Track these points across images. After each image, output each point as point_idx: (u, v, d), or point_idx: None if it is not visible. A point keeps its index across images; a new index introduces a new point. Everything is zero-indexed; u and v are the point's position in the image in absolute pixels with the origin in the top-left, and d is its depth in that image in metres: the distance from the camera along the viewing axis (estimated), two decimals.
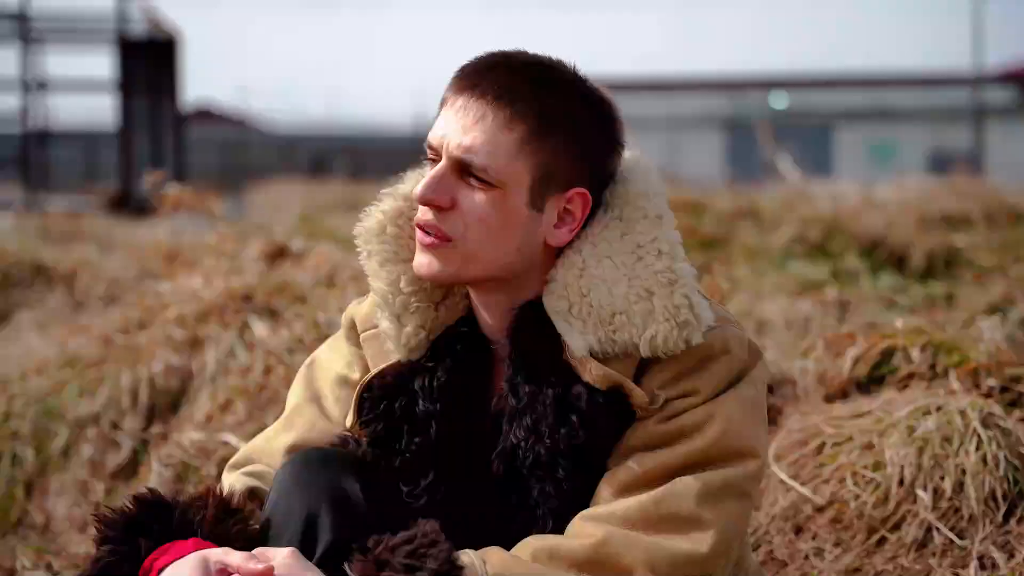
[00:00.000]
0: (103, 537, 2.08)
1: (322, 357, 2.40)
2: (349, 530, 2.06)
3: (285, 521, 2.08)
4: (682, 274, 2.07)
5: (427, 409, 2.18)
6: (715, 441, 2.05)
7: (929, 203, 9.13)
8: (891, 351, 3.77)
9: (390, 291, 2.20)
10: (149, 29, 23.56)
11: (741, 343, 2.12)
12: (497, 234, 2.09)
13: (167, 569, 1.99)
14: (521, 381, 2.13)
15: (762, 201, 9.93)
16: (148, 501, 2.10)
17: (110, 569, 2.04)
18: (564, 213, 2.11)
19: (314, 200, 20.57)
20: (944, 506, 3.12)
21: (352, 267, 4.95)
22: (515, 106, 2.06)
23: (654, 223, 2.11)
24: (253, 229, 6.90)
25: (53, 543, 4.08)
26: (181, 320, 4.81)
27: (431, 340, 2.21)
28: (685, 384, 2.07)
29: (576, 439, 2.07)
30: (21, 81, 22.12)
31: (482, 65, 2.11)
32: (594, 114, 2.12)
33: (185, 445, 3.99)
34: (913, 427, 3.28)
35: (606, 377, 2.07)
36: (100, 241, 11.14)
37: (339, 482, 2.11)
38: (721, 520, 2.04)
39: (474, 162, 2.07)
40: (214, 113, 54.60)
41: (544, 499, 2.11)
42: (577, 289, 2.09)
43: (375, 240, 2.24)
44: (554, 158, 2.08)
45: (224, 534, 2.06)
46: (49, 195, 22.04)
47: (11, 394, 4.79)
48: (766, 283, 7.27)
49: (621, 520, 2.02)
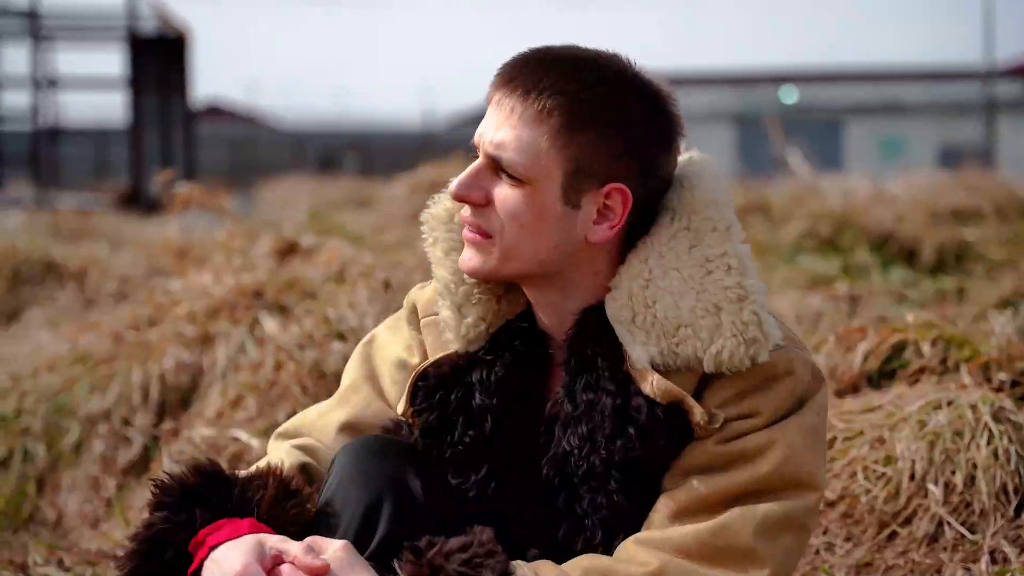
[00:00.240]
0: (158, 503, 2.05)
1: (382, 336, 2.38)
2: (407, 524, 2.04)
3: (343, 510, 2.06)
4: (752, 290, 2.03)
5: (483, 403, 2.15)
6: (775, 469, 2.01)
7: (939, 197, 9.12)
8: (902, 345, 3.77)
9: (453, 280, 2.19)
10: (159, 26, 23.57)
11: (806, 366, 2.07)
12: (531, 231, 2.05)
13: (221, 547, 1.97)
14: (579, 388, 2.09)
15: (772, 196, 9.92)
16: (208, 472, 2.07)
17: (163, 535, 2.02)
18: (603, 209, 2.06)
19: (323, 196, 20.57)
20: (955, 500, 3.12)
21: (362, 263, 4.95)
22: (545, 101, 2.02)
23: (723, 235, 2.06)
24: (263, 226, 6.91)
25: (65, 539, 4.09)
26: (191, 317, 4.81)
27: (490, 333, 2.18)
28: (747, 404, 2.03)
29: (633, 452, 2.03)
30: (31, 78, 22.14)
31: (519, 60, 2.08)
32: (640, 108, 2.05)
33: (196, 441, 4.00)
34: (924, 421, 3.27)
35: (667, 391, 2.02)
36: (110, 238, 11.16)
37: (400, 475, 2.09)
38: (778, 555, 2.00)
39: (503, 158, 2.04)
40: (223, 110, 54.64)
41: (594, 510, 2.08)
42: (642, 299, 2.04)
43: (442, 228, 2.22)
44: (587, 153, 2.03)
45: (281, 517, 2.04)
46: (59, 192, 22.05)
47: (22, 391, 4.80)
48: (776, 278, 7.26)
49: (676, 548, 1.99)
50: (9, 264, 7.98)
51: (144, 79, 23.16)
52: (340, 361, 4.25)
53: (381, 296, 4.59)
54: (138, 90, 23.10)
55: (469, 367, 2.18)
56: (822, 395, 2.10)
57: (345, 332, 4.42)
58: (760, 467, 2.01)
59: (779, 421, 2.03)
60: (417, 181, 13.24)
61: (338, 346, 4.34)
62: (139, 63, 23.04)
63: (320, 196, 20.75)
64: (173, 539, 2.02)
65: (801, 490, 2.03)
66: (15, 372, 5.00)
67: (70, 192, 23.59)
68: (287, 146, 46.03)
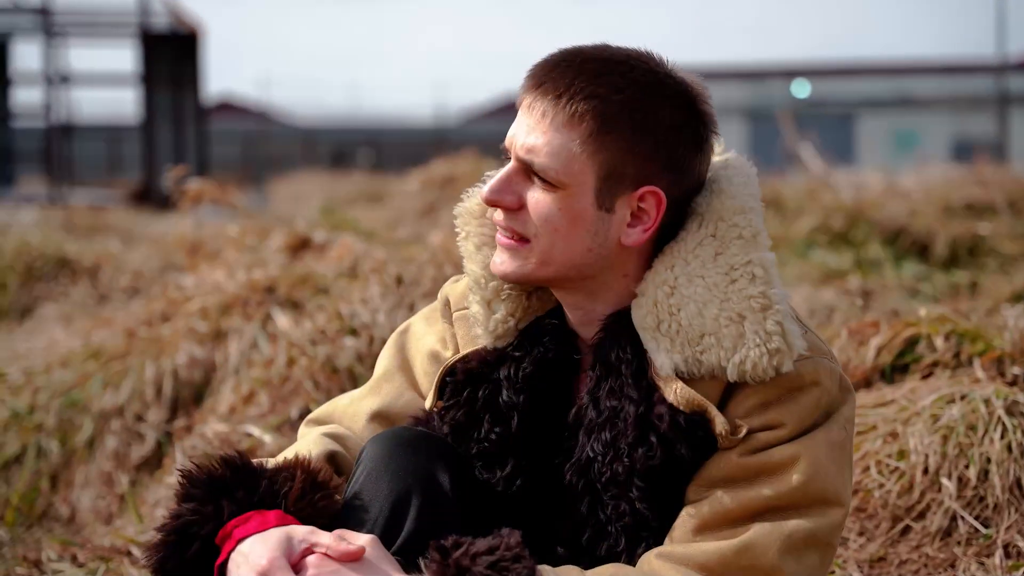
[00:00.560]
0: (186, 494, 2.05)
1: (417, 327, 2.37)
2: (435, 520, 2.03)
3: (371, 503, 2.05)
4: (776, 300, 2.00)
5: (510, 400, 2.15)
6: (800, 486, 1.98)
7: (952, 191, 9.10)
8: (915, 340, 3.76)
9: (484, 275, 2.18)
10: (171, 22, 23.60)
11: (832, 376, 2.04)
12: (566, 235, 2.04)
13: (248, 540, 1.96)
14: (603, 394, 2.08)
15: (784, 190, 9.90)
16: (236, 464, 2.07)
17: (190, 527, 2.02)
18: (638, 212, 2.05)
19: (335, 192, 20.60)
20: (969, 495, 3.11)
21: (374, 258, 4.95)
22: (577, 104, 2.00)
23: (749, 244, 2.04)
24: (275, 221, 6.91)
25: (78, 535, 4.09)
26: (204, 312, 4.82)
27: (519, 329, 2.17)
28: (771, 415, 2.00)
29: (654, 460, 2.02)
30: (44, 75, 22.17)
31: (550, 63, 2.06)
32: (671, 110, 2.04)
33: (209, 437, 4.00)
34: (937, 416, 3.26)
35: (690, 400, 2.01)
36: (123, 234, 11.19)
37: (430, 469, 2.08)
38: (802, 574, 1.98)
39: (535, 163, 2.03)
40: (236, 106, 54.71)
41: (617, 517, 2.07)
42: (667, 307, 2.03)
43: (474, 222, 2.21)
44: (620, 156, 2.01)
45: (308, 509, 2.03)
46: (72, 188, 22.13)
47: (36, 387, 4.81)
48: (789, 272, 7.25)
49: (699, 566, 1.97)
50: (22, 260, 8.00)
51: (156, 75, 23.21)
52: (352, 357, 4.26)
53: (393, 292, 4.59)
54: (150, 86, 23.14)
55: (497, 363, 2.17)
56: (849, 407, 2.07)
57: (357, 328, 4.42)
58: (784, 482, 1.98)
59: (805, 433, 2.01)
60: (429, 176, 13.24)
61: (350, 341, 4.34)
62: (151, 59, 23.09)
63: (332, 191, 20.79)
64: (200, 530, 2.01)
65: (826, 507, 2.00)
66: (28, 368, 5.01)
67: (83, 188, 23.68)
68: (299, 142, 46.10)
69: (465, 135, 38.93)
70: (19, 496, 4.41)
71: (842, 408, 2.06)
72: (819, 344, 2.08)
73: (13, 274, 7.89)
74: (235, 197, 7.61)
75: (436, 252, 5.02)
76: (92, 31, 23.97)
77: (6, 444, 4.62)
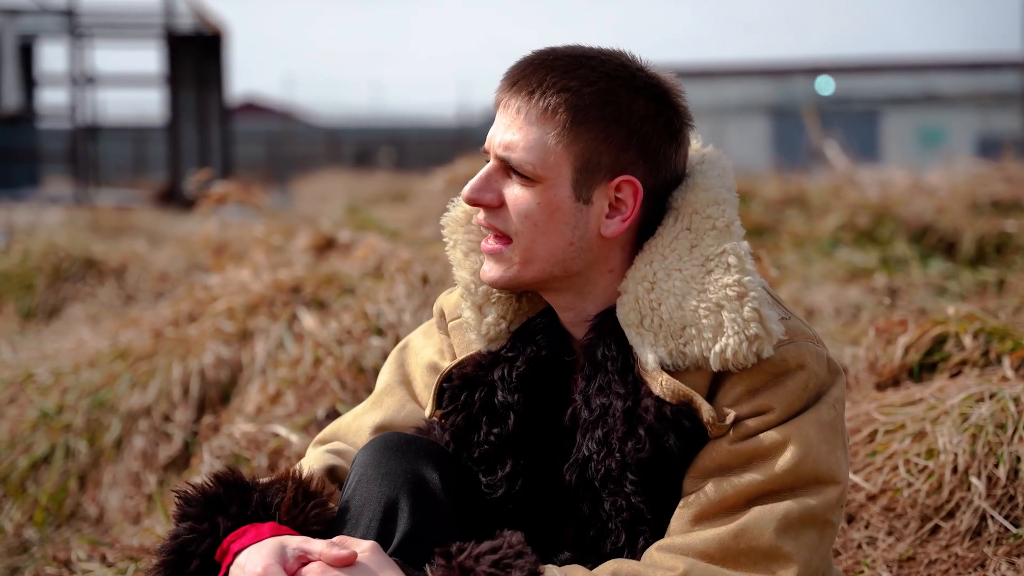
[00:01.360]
0: (182, 514, 2.09)
1: (416, 342, 2.41)
2: (427, 520, 2.06)
3: (363, 507, 2.08)
4: (751, 287, 2.03)
5: (505, 400, 2.18)
6: (793, 468, 2.00)
7: (979, 188, 9.03)
8: (943, 338, 3.74)
9: (473, 280, 2.21)
10: (196, 23, 23.68)
11: (819, 359, 2.07)
12: (545, 229, 2.08)
13: (243, 553, 2.00)
14: (593, 392, 2.12)
15: (809, 188, 9.86)
16: (228, 481, 2.11)
17: (188, 546, 2.06)
18: (615, 203, 2.09)
19: (359, 191, 20.64)
20: (998, 493, 3.09)
21: (399, 258, 4.96)
22: (550, 98, 2.06)
23: (723, 234, 2.07)
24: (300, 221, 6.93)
25: (107, 535, 4.11)
26: (230, 312, 4.84)
27: (511, 331, 2.21)
28: (758, 401, 2.03)
29: (643, 452, 2.05)
30: (70, 76, 22.27)
31: (524, 63, 2.12)
32: (643, 101, 2.08)
33: (236, 436, 4.01)
34: (966, 414, 3.25)
35: (676, 390, 2.04)
36: (149, 234, 11.24)
37: (419, 471, 2.11)
38: (803, 553, 1.99)
39: (512, 158, 2.08)
40: (260, 106, 54.82)
41: (616, 512, 2.10)
42: (648, 302, 2.07)
43: (461, 230, 2.25)
44: (594, 147, 2.06)
45: (301, 518, 2.07)
46: (98, 189, 22.23)
47: (64, 387, 4.83)
48: (814, 270, 7.23)
49: (700, 553, 1.99)
50: (50, 261, 8.04)
51: (181, 76, 23.30)
52: (379, 356, 4.26)
53: (419, 291, 4.60)
54: (175, 87, 23.23)
55: (491, 365, 2.21)
56: (838, 388, 2.10)
57: (383, 327, 4.42)
58: (776, 465, 2.01)
59: (794, 416, 2.04)
60: (453, 175, 13.24)
61: (376, 341, 4.34)
62: (176, 60, 23.17)
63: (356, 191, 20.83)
64: (198, 548, 2.06)
65: (821, 485, 2.03)
66: (56, 368, 5.04)
67: (109, 189, 23.80)
68: (323, 141, 46.17)
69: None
70: (48, 496, 4.43)
71: (831, 389, 2.09)
72: (803, 328, 2.11)
73: (40, 275, 7.92)
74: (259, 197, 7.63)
75: None
76: (117, 32, 24.07)
77: (35, 444, 4.65)
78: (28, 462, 4.58)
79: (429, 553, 2.01)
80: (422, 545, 2.02)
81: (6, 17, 22.30)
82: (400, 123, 52.41)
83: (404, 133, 48.46)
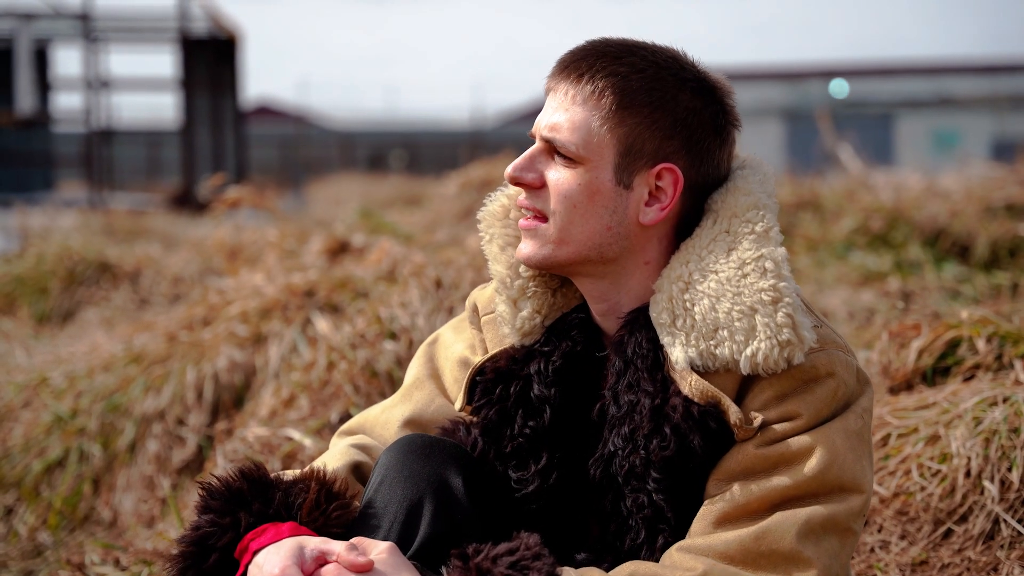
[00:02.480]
0: (205, 506, 2.10)
1: (446, 336, 2.43)
2: (449, 524, 2.07)
3: (385, 509, 2.09)
4: (786, 293, 2.04)
5: (541, 393, 2.19)
6: (818, 474, 2.01)
7: (993, 191, 9.01)
8: (956, 342, 3.73)
9: (509, 275, 2.23)
10: (210, 27, 23.71)
11: (848, 368, 2.08)
12: (584, 211, 2.10)
13: (261, 552, 2.01)
14: (622, 390, 2.13)
15: (823, 191, 9.85)
16: (252, 477, 2.11)
17: (208, 538, 2.07)
18: (655, 191, 2.11)
19: (373, 195, 20.66)
20: (1012, 498, 3.09)
21: (413, 262, 4.96)
22: (598, 81, 2.09)
23: (761, 239, 2.08)
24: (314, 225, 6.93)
25: (121, 538, 4.12)
26: (244, 316, 4.85)
27: (546, 326, 2.23)
28: (787, 406, 2.04)
29: (667, 451, 2.06)
30: (85, 80, 22.32)
31: (575, 51, 2.15)
32: (689, 93, 2.11)
33: (249, 440, 4.02)
34: (979, 418, 3.24)
35: (704, 391, 2.05)
36: (163, 238, 11.26)
37: (443, 474, 2.12)
38: (823, 559, 2.00)
39: (557, 139, 2.10)
40: (274, 109, 54.92)
41: (637, 509, 2.10)
42: (682, 302, 2.08)
43: (498, 224, 2.27)
44: (639, 132, 2.08)
45: (322, 519, 2.08)
46: (113, 193, 22.27)
47: (78, 391, 4.85)
48: (828, 274, 7.22)
49: (720, 555, 1.99)
50: (64, 265, 8.06)
51: (196, 80, 23.33)
52: (392, 360, 4.27)
53: (432, 295, 4.60)
54: (190, 91, 23.26)
55: (526, 359, 2.22)
56: (867, 398, 2.10)
57: (397, 331, 4.43)
58: (802, 471, 2.01)
59: (821, 424, 2.04)
60: (467, 179, 13.26)
61: (390, 345, 4.35)
62: (190, 64, 23.21)
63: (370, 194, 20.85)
64: (218, 542, 2.06)
65: (845, 493, 2.03)
66: (71, 372, 5.05)
67: (123, 192, 23.85)
68: (337, 145, 46.22)
69: (502, 137, 38.96)
70: (62, 500, 4.44)
71: (860, 399, 2.09)
72: (834, 338, 2.11)
73: (55, 279, 7.95)
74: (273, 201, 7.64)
75: (475, 255, 5.03)
76: (132, 36, 24.11)
77: (49, 448, 4.66)
78: (42, 466, 4.59)
79: (449, 556, 2.01)
80: (443, 548, 2.03)
81: (21, 21, 22.34)
82: (414, 127, 52.47)
83: (418, 137, 48.53)
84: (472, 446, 2.23)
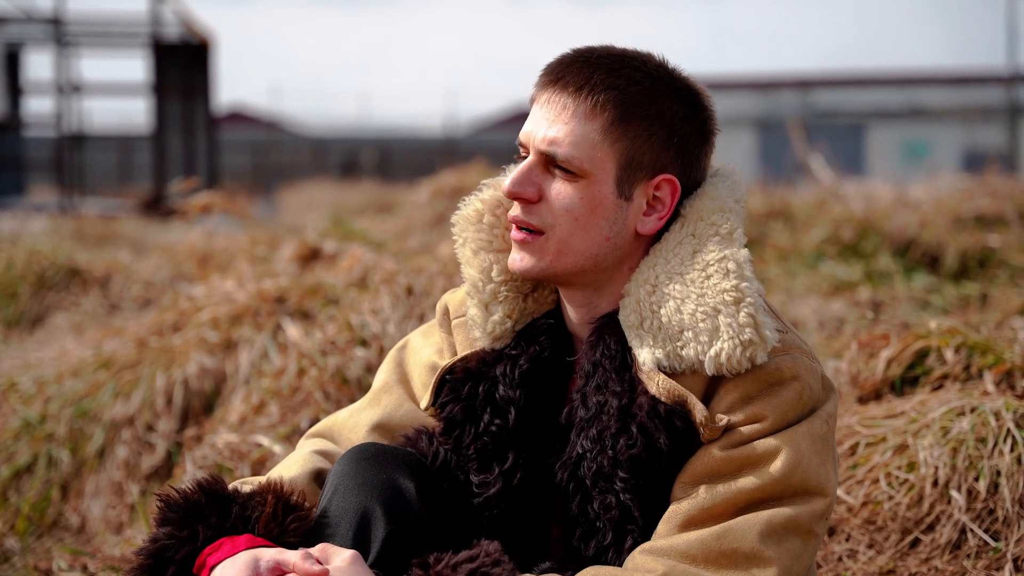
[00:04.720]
0: (163, 518, 2.10)
1: (415, 341, 2.44)
2: (402, 528, 2.08)
3: (340, 518, 2.10)
4: (748, 293, 2.06)
5: (507, 395, 2.20)
6: (783, 477, 2.03)
7: (963, 202, 9.07)
8: (925, 352, 3.76)
9: (481, 279, 2.25)
10: (182, 32, 23.65)
11: (813, 373, 2.10)
12: (585, 224, 2.12)
13: (218, 567, 2.01)
14: (591, 391, 2.15)
15: (794, 201, 9.89)
16: (211, 490, 2.12)
17: (166, 551, 2.07)
18: (653, 201, 2.14)
19: (345, 201, 20.64)
20: (978, 507, 3.10)
21: (384, 269, 4.96)
22: (596, 96, 2.10)
23: (725, 240, 2.11)
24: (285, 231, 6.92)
25: (89, 544, 4.10)
26: (215, 322, 4.83)
27: (516, 330, 2.24)
28: (752, 408, 2.06)
29: (634, 449, 2.07)
30: (56, 84, 22.22)
31: (565, 60, 2.15)
32: (680, 102, 2.13)
33: (219, 447, 4.01)
34: (947, 428, 3.26)
35: (671, 390, 2.07)
36: (134, 243, 11.22)
37: (393, 480, 2.12)
38: (784, 559, 2.01)
39: (558, 153, 2.11)
40: (246, 115, 54.76)
41: (604, 510, 2.12)
42: (648, 304, 2.10)
43: (471, 228, 2.28)
44: (638, 144, 2.11)
45: (277, 531, 2.08)
46: (83, 198, 22.18)
47: (47, 396, 4.82)
48: (798, 283, 7.25)
49: (681, 555, 2.01)
50: (33, 269, 8.02)
51: (167, 85, 23.24)
52: (363, 367, 4.27)
53: (403, 302, 4.60)
54: (162, 96, 23.17)
55: (495, 362, 2.24)
56: (832, 404, 2.13)
57: (367, 338, 4.42)
58: (767, 474, 2.03)
59: (787, 427, 2.06)
60: (439, 186, 13.24)
61: (361, 352, 4.35)
62: (162, 69, 23.12)
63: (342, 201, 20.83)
64: (176, 555, 2.07)
65: (809, 496, 2.05)
66: (39, 377, 5.02)
67: (94, 197, 23.74)
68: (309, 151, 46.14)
69: (475, 145, 38.96)
70: (30, 505, 4.42)
71: (825, 404, 2.12)
72: (799, 343, 2.14)
73: (24, 283, 7.90)
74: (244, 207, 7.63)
75: (446, 263, 5.03)
76: (104, 41, 24.02)
77: (17, 453, 4.63)
78: (10, 471, 4.56)
79: (406, 563, 2.02)
80: (400, 555, 2.04)
81: None
82: (386, 133, 52.40)
83: (390, 143, 48.47)
84: (433, 456, 2.24)
